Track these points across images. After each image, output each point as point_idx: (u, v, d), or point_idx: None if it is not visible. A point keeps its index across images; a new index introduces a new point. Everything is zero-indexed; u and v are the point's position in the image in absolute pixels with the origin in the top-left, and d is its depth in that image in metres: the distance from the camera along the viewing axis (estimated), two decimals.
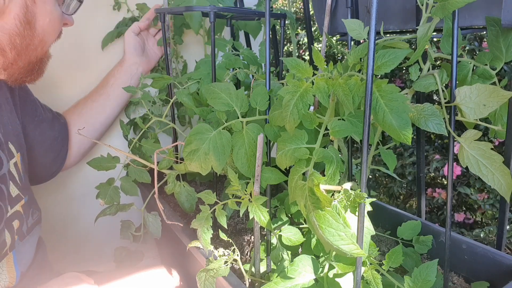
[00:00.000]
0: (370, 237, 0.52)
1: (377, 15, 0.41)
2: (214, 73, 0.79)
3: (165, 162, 0.81)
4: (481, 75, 0.58)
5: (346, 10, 0.74)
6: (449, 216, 0.57)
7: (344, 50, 1.89)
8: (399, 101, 0.47)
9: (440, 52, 0.58)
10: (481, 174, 0.51)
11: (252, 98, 0.64)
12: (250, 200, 0.58)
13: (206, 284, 0.58)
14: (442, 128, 0.51)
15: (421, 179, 0.93)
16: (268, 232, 0.63)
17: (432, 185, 1.83)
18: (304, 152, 0.53)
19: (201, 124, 0.63)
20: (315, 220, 0.45)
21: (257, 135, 0.59)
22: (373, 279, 0.51)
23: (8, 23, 0.61)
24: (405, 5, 0.77)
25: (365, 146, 0.44)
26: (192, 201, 0.80)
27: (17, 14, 0.61)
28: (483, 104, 0.51)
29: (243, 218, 0.87)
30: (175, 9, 0.86)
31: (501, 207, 0.67)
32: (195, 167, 0.61)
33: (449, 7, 0.49)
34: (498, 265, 0.62)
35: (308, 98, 0.51)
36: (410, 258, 0.67)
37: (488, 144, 0.51)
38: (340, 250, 0.45)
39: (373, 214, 0.53)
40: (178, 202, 0.81)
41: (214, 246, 0.64)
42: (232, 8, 0.90)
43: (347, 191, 0.47)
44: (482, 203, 1.61)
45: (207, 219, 0.62)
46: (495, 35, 0.56)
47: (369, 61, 0.42)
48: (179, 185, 0.80)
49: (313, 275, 0.54)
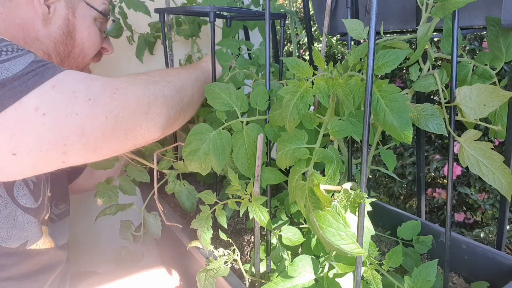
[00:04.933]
0: (370, 237, 0.52)
1: (377, 15, 0.41)
2: (214, 73, 0.79)
3: (165, 162, 0.81)
4: (481, 75, 0.58)
5: (346, 10, 0.73)
6: (449, 216, 0.57)
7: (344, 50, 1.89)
8: (399, 101, 0.47)
9: (440, 52, 0.58)
10: (482, 174, 0.51)
11: (252, 98, 0.64)
12: (250, 200, 0.58)
13: (206, 284, 0.58)
14: (442, 128, 0.51)
15: (421, 179, 0.93)
16: (268, 232, 0.63)
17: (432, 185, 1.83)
18: (304, 152, 0.53)
19: (201, 124, 0.63)
20: (315, 220, 0.45)
21: (257, 135, 0.59)
22: (373, 279, 0.51)
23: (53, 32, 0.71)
24: (405, 5, 0.77)
25: (365, 146, 0.44)
26: (193, 200, 0.80)
27: (60, 25, 0.72)
28: (483, 104, 0.51)
29: (243, 218, 0.87)
30: (175, 9, 0.86)
31: (501, 207, 0.67)
32: (195, 167, 0.61)
33: (449, 7, 0.49)
34: (498, 265, 0.62)
35: (308, 98, 0.51)
36: (410, 258, 0.67)
37: (488, 144, 0.51)
38: (341, 250, 0.45)
39: (373, 214, 0.53)
40: (179, 201, 0.81)
41: (214, 246, 0.64)
42: (232, 8, 0.90)
43: (347, 191, 0.47)
44: (482, 203, 1.61)
45: (207, 219, 0.62)
46: (495, 35, 0.56)
47: (369, 61, 0.42)
48: (179, 184, 0.80)
49: (313, 275, 0.54)
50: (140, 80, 0.63)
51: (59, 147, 0.53)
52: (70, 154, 0.54)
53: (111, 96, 0.57)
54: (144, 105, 0.60)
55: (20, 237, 0.63)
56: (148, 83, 0.64)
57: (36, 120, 0.50)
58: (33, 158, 0.52)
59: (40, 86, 0.51)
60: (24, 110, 0.49)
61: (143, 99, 0.61)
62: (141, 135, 0.61)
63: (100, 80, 0.58)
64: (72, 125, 0.53)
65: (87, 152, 0.56)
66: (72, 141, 0.53)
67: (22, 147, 0.50)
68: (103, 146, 0.57)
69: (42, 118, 0.50)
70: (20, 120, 0.49)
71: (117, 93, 0.58)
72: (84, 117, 0.53)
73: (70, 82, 0.54)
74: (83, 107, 0.53)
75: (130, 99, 0.59)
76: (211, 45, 0.78)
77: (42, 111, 0.50)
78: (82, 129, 0.54)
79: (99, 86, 0.56)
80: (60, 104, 0.52)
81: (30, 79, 0.50)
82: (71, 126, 0.53)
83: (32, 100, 0.50)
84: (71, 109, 0.52)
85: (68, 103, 0.52)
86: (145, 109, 0.60)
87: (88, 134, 0.54)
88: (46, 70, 0.52)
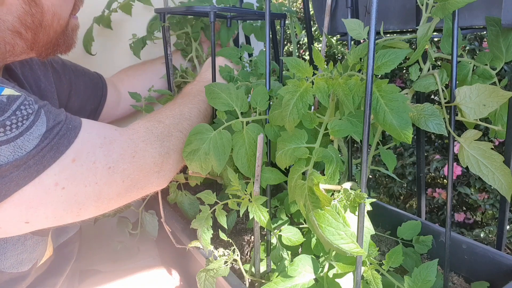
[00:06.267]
0: (370, 236, 0.52)
1: (377, 15, 0.41)
2: (214, 73, 0.79)
3: None
4: (481, 75, 0.58)
5: (346, 10, 0.73)
6: (449, 216, 0.57)
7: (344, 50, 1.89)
8: (399, 101, 0.47)
9: (440, 52, 0.58)
10: (482, 174, 0.51)
11: (252, 98, 0.64)
12: (250, 200, 0.58)
13: (206, 284, 0.58)
14: (442, 128, 0.51)
15: (421, 179, 0.93)
16: (268, 232, 0.63)
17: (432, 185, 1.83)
18: (304, 152, 0.53)
19: (201, 124, 0.63)
20: (315, 219, 0.45)
21: (257, 135, 0.59)
22: (373, 279, 0.51)
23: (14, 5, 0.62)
24: (405, 5, 0.77)
25: (365, 146, 0.44)
26: (196, 209, 0.80)
27: None
28: (483, 104, 0.51)
29: (243, 218, 0.87)
30: (175, 9, 0.86)
31: (501, 207, 0.67)
32: (195, 167, 0.61)
33: (449, 7, 0.49)
34: (498, 265, 0.62)
35: (308, 98, 0.51)
36: (410, 258, 0.67)
37: (488, 144, 0.51)
38: (340, 249, 0.45)
39: (373, 214, 0.53)
40: (182, 211, 0.81)
41: (214, 246, 0.64)
42: (232, 8, 0.90)
43: (347, 191, 0.47)
44: (482, 203, 1.61)
45: (207, 219, 0.62)
46: (495, 35, 0.56)
47: (369, 61, 0.42)
48: (181, 194, 0.80)
49: (313, 275, 0.54)
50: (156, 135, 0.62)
51: (73, 212, 0.52)
52: (82, 215, 0.54)
53: (130, 161, 0.56)
54: (158, 164, 0.60)
55: (31, 259, 0.62)
56: (164, 138, 0.63)
57: (55, 193, 0.49)
58: (47, 223, 0.52)
59: (58, 160, 0.49)
60: (42, 187, 0.48)
61: (158, 159, 0.60)
62: (150, 190, 0.62)
63: (119, 141, 0.56)
64: (90, 193, 0.52)
65: (98, 211, 0.56)
66: (87, 206, 0.53)
67: (38, 217, 0.50)
68: (115, 204, 0.58)
69: (61, 192, 0.49)
70: (38, 195, 0.48)
71: (136, 156, 0.57)
72: (103, 185, 0.53)
73: (89, 151, 0.52)
74: (102, 175, 0.53)
75: (147, 162, 0.59)
76: (211, 45, 0.78)
77: (62, 185, 0.49)
78: (99, 195, 0.53)
79: (118, 151, 0.55)
80: (81, 177, 0.51)
81: (46, 155, 0.48)
82: (89, 194, 0.52)
83: (51, 177, 0.48)
84: (92, 179, 0.52)
85: (88, 175, 0.51)
86: (158, 168, 0.61)
87: (104, 198, 0.54)
88: (61, 140, 0.49)
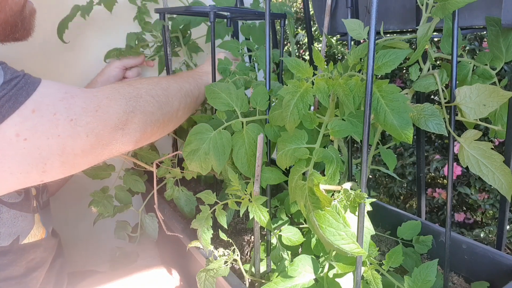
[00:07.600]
0: (370, 236, 0.52)
1: (377, 15, 0.41)
2: (214, 73, 0.79)
3: (163, 170, 0.81)
4: (481, 75, 0.58)
5: (346, 10, 0.74)
6: (449, 216, 0.57)
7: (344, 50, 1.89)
8: (400, 101, 0.47)
9: (440, 52, 0.58)
10: (482, 174, 0.51)
11: (252, 98, 0.64)
12: (250, 200, 0.58)
13: (206, 284, 0.58)
14: (442, 128, 0.51)
15: (421, 179, 0.93)
16: (268, 232, 0.63)
17: (432, 185, 1.83)
18: (304, 152, 0.53)
19: (201, 124, 0.63)
20: (315, 219, 0.45)
21: (257, 135, 0.59)
22: (373, 279, 0.51)
23: None
24: (405, 5, 0.77)
25: (365, 146, 0.44)
26: (192, 205, 0.80)
27: None
28: (483, 104, 0.51)
29: (243, 218, 0.87)
30: (175, 9, 0.86)
31: (501, 207, 0.67)
32: (195, 167, 0.61)
33: (449, 7, 0.49)
34: (498, 265, 0.62)
35: (308, 98, 0.51)
36: (410, 258, 0.67)
37: (488, 144, 0.51)
38: (341, 249, 0.45)
39: (373, 214, 0.53)
40: (178, 207, 0.81)
41: (214, 246, 0.64)
42: (232, 8, 0.90)
43: (347, 191, 0.47)
44: (482, 203, 1.61)
45: (207, 219, 0.62)
46: (495, 35, 0.56)
47: (369, 61, 0.42)
48: (178, 190, 0.80)
49: (313, 275, 0.54)
50: (123, 94, 0.62)
51: (39, 167, 0.52)
52: (49, 172, 0.54)
53: (93, 115, 0.56)
54: (122, 121, 0.60)
55: (10, 233, 0.63)
56: (131, 97, 0.62)
57: (18, 145, 0.49)
58: (13, 180, 0.51)
59: (17, 111, 0.49)
60: (4, 138, 0.48)
61: (123, 116, 0.60)
62: (116, 149, 0.61)
63: (81, 96, 0.56)
64: (53, 146, 0.52)
65: (65, 169, 0.56)
66: (52, 161, 0.53)
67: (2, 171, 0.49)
68: (81, 161, 0.57)
69: (23, 143, 0.49)
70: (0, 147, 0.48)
71: (99, 111, 0.57)
72: (66, 138, 0.52)
73: (50, 103, 0.52)
74: (64, 128, 0.52)
75: (111, 117, 0.58)
76: (211, 45, 0.78)
77: (23, 136, 0.49)
78: (63, 149, 0.53)
79: (80, 104, 0.55)
80: (42, 128, 0.51)
81: (4, 105, 0.48)
82: (52, 148, 0.52)
83: (12, 127, 0.48)
84: (53, 131, 0.51)
85: (50, 126, 0.51)
86: (122, 125, 0.60)
87: (68, 152, 0.54)
88: (20, 91, 0.50)
